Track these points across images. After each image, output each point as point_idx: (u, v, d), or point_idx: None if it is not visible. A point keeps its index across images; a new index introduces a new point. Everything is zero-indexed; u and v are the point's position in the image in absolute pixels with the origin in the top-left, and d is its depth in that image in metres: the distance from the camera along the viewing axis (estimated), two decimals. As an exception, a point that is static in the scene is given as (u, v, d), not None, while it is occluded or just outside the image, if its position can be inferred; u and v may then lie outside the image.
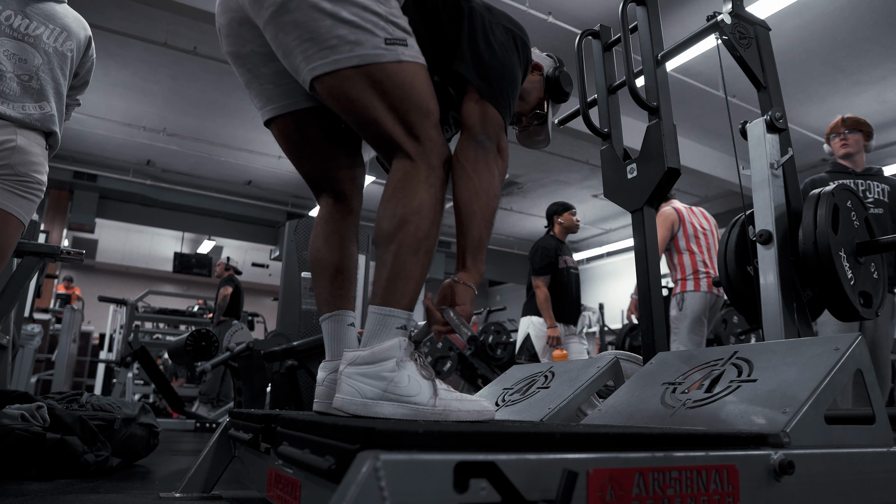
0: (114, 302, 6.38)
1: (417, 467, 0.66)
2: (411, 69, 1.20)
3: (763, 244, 1.72)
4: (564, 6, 5.47)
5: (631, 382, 1.39)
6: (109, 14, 5.79)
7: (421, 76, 1.22)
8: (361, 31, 1.16)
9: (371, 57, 1.16)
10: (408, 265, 1.15)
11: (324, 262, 1.40)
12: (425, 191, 1.18)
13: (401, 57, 1.18)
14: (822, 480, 0.94)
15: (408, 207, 1.16)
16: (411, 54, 1.20)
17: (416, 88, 1.20)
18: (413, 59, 1.21)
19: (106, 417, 2.08)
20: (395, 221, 1.16)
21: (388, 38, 1.17)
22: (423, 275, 1.18)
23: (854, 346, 1.07)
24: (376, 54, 1.16)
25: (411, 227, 1.16)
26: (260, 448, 1.17)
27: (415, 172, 1.19)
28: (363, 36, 1.16)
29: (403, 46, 1.19)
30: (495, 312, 6.57)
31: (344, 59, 1.16)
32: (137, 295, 6.83)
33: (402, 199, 1.17)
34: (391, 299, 1.14)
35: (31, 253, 2.19)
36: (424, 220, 1.17)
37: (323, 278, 1.40)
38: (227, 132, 8.45)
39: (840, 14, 5.50)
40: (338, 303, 1.37)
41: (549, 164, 9.11)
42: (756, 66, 1.78)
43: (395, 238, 1.16)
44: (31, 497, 1.46)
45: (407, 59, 1.19)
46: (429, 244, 1.18)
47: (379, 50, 1.16)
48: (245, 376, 3.64)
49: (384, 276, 1.16)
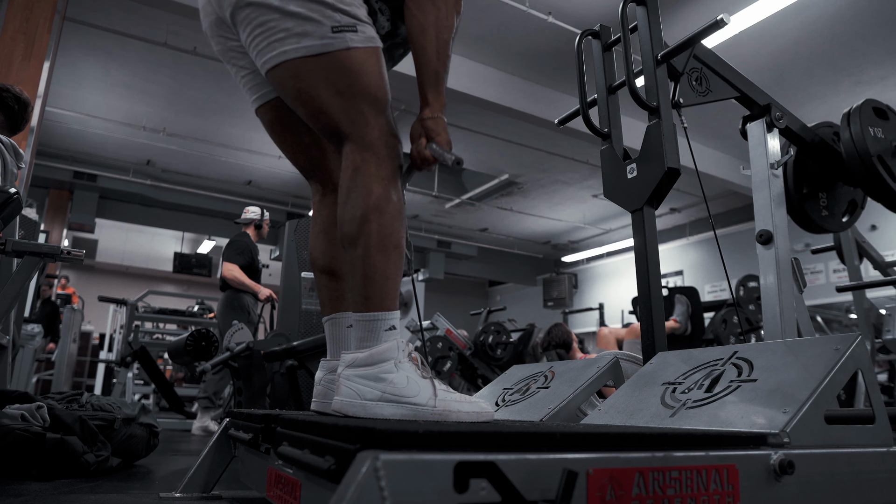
0: (114, 302, 6.38)
1: (417, 467, 0.66)
2: (359, 56, 1.19)
3: (763, 244, 1.73)
4: (564, 6, 5.47)
5: (631, 382, 1.39)
6: (109, 14, 5.79)
7: (370, 63, 1.20)
8: (308, 23, 1.16)
9: (317, 47, 1.17)
10: (378, 266, 1.14)
11: (317, 262, 1.39)
12: (378, 185, 1.16)
13: (349, 44, 1.18)
14: (822, 480, 0.94)
15: (364, 206, 1.15)
16: (361, 40, 1.19)
17: (364, 75, 1.19)
18: (363, 44, 1.20)
19: (106, 417, 2.07)
20: (355, 223, 1.15)
21: (334, 25, 1.17)
22: (397, 271, 1.16)
23: (854, 346, 1.07)
24: (323, 44, 1.17)
25: (373, 226, 1.14)
26: (260, 448, 1.17)
27: (364, 167, 1.17)
28: (309, 27, 1.16)
29: (352, 33, 1.18)
30: (495, 312, 6.56)
31: (291, 51, 1.17)
32: (137, 295, 6.82)
33: (357, 197, 1.16)
34: (371, 304, 1.13)
35: (31, 253, 2.18)
36: (385, 215, 1.15)
37: (320, 279, 1.39)
38: (227, 132, 8.45)
39: (840, 14, 5.49)
40: (335, 305, 1.36)
41: (549, 164, 9.10)
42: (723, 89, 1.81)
43: (358, 240, 1.14)
44: (31, 497, 1.46)
45: (356, 45, 1.18)
46: (395, 239, 1.16)
47: (325, 39, 1.17)
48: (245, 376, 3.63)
49: (358, 280, 1.14)
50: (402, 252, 1.18)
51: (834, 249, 3.47)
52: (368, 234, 1.14)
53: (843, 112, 1.90)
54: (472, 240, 13.09)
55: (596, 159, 8.18)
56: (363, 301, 1.14)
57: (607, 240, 12.56)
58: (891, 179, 1.81)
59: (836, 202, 2.09)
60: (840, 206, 2.10)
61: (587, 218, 11.60)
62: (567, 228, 12.36)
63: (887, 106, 1.93)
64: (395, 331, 1.14)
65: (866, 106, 1.88)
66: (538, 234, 12.99)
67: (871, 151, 1.81)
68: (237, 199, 10.71)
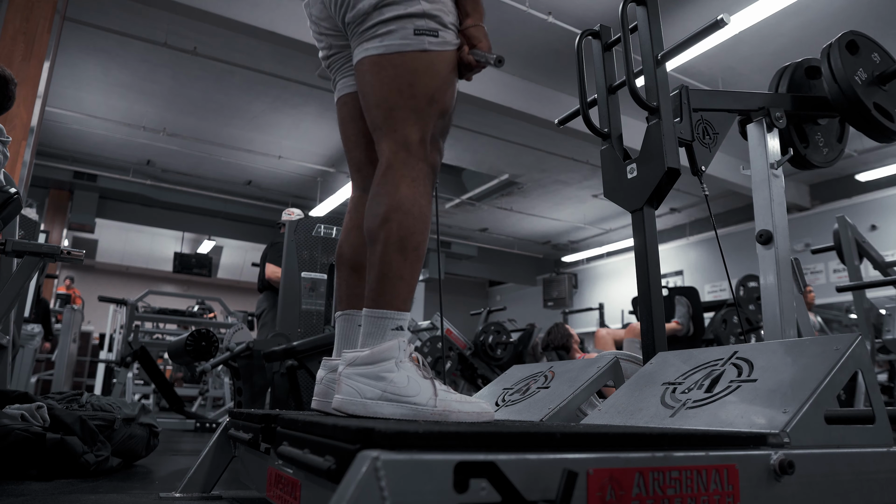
0: (114, 302, 6.38)
1: (417, 467, 0.66)
2: (430, 59, 1.23)
3: (763, 244, 1.73)
4: (564, 6, 5.47)
5: (631, 382, 1.39)
6: (109, 14, 5.79)
7: (438, 66, 1.24)
8: (395, 22, 1.21)
9: (395, 46, 1.21)
10: (395, 265, 1.14)
11: (343, 256, 1.40)
12: (407, 185, 1.17)
13: (425, 47, 1.22)
14: (822, 480, 0.94)
15: (389, 204, 1.15)
16: (438, 43, 1.24)
17: (429, 77, 1.22)
18: (439, 48, 1.24)
19: (106, 417, 2.07)
20: (377, 220, 1.15)
21: (417, 28, 1.22)
22: (413, 274, 1.16)
23: (854, 346, 1.07)
24: (401, 44, 1.21)
25: (394, 225, 1.14)
26: (260, 448, 1.17)
27: (397, 165, 1.18)
28: (394, 25, 1.21)
29: (431, 37, 1.22)
30: (495, 312, 6.56)
31: (373, 48, 1.23)
32: (137, 295, 6.82)
33: (384, 195, 1.16)
34: (383, 301, 1.13)
35: (32, 253, 2.18)
36: (407, 216, 1.15)
37: (341, 273, 1.39)
38: (227, 132, 8.44)
39: (840, 14, 5.50)
40: (352, 301, 1.36)
41: (549, 164, 9.10)
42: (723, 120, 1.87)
43: (379, 237, 1.15)
44: (31, 497, 1.46)
45: (432, 48, 1.23)
46: (415, 241, 1.16)
47: (406, 40, 1.21)
48: (245, 376, 3.63)
49: (373, 276, 1.15)
50: (421, 255, 1.18)
51: (834, 249, 3.47)
52: (389, 231, 1.14)
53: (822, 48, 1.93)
54: (472, 240, 13.09)
55: (596, 159, 8.18)
56: (375, 297, 1.14)
57: (607, 240, 12.56)
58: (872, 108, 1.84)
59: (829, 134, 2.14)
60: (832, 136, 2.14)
61: (587, 218, 11.60)
62: (567, 228, 12.36)
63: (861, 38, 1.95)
64: (401, 331, 1.14)
65: (843, 38, 1.91)
66: (538, 234, 12.99)
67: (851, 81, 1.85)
68: (237, 199, 10.72)
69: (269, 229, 11.76)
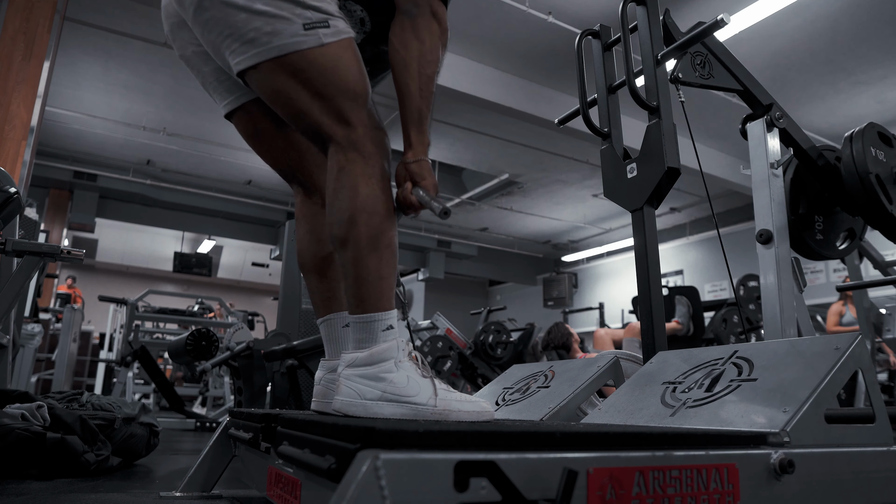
0: (114, 301, 6.38)
1: (418, 466, 0.66)
2: (334, 51, 1.15)
3: (763, 244, 1.73)
4: (564, 6, 5.47)
5: (631, 382, 1.39)
6: (109, 14, 5.79)
7: (346, 57, 1.17)
8: (277, 21, 1.13)
9: (289, 46, 1.13)
10: (371, 266, 1.12)
11: (307, 266, 1.37)
12: (365, 184, 1.13)
13: (322, 40, 1.14)
14: (823, 479, 0.94)
15: (352, 208, 1.12)
16: (333, 33, 1.16)
17: (341, 71, 1.16)
18: (336, 38, 1.16)
19: (106, 417, 2.07)
20: (343, 225, 1.12)
21: (306, 22, 1.14)
22: (390, 270, 1.14)
23: (854, 345, 1.07)
24: (295, 42, 1.13)
25: (362, 227, 1.11)
26: (260, 447, 1.17)
27: (350, 166, 1.14)
28: (279, 25, 1.13)
29: (324, 28, 1.15)
30: (495, 312, 6.56)
31: (263, 52, 1.13)
32: (137, 294, 6.82)
33: (344, 199, 1.13)
34: (367, 305, 1.12)
35: (31, 253, 2.18)
36: (373, 215, 1.12)
37: (311, 282, 1.37)
38: (227, 132, 8.44)
39: (840, 14, 5.49)
40: (329, 305, 1.34)
41: (549, 164, 9.10)
42: (726, 79, 1.80)
43: (348, 242, 1.12)
44: (32, 496, 1.46)
45: (329, 40, 1.15)
46: (386, 238, 1.14)
47: (297, 37, 1.13)
48: (245, 376, 3.63)
49: (352, 283, 1.13)
50: (394, 250, 1.16)
51: (834, 249, 3.46)
52: (357, 235, 1.11)
53: (846, 134, 1.86)
54: (471, 239, 13.09)
55: (596, 159, 8.17)
56: (358, 303, 1.12)
57: (607, 239, 12.56)
58: (888, 202, 1.78)
59: (833, 228, 2.03)
60: (837, 232, 2.04)
61: (587, 217, 11.60)
62: (567, 228, 12.36)
63: (893, 134, 1.90)
64: (392, 330, 1.13)
65: (870, 129, 1.85)
66: (538, 234, 12.99)
67: (871, 170, 1.77)
68: (237, 198, 10.72)
69: (269, 229, 11.78)
